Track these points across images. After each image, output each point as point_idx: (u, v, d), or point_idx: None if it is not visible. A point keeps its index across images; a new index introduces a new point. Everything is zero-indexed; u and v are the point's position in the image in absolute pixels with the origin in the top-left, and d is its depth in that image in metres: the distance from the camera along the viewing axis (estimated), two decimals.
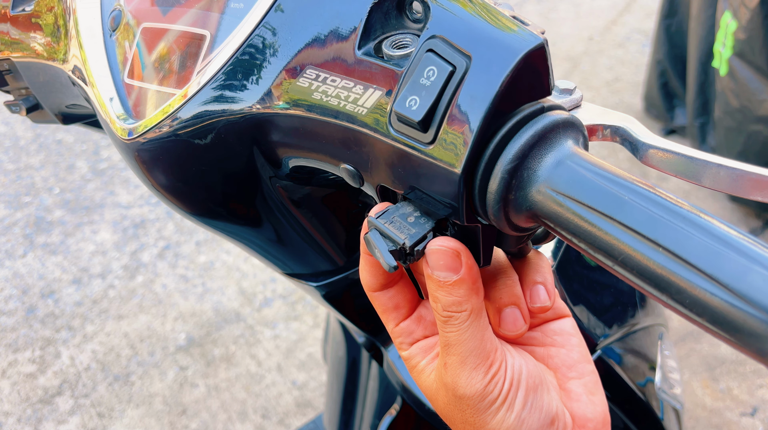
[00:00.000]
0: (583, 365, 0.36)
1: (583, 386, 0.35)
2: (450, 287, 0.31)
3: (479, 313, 0.32)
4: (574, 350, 0.36)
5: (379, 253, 0.30)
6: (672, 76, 2.19)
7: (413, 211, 0.31)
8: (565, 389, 0.35)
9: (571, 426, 0.34)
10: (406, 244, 0.30)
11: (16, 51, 0.55)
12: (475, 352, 0.32)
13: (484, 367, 0.32)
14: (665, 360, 0.72)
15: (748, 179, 0.30)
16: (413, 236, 0.30)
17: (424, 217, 0.31)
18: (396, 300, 0.36)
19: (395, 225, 0.31)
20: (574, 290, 0.60)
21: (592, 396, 0.35)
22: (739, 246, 0.23)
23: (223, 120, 0.37)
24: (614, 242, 0.25)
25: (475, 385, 0.32)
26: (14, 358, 1.72)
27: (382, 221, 0.31)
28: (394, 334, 0.37)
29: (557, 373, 0.36)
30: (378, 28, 0.32)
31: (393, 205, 0.32)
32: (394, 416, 0.61)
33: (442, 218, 0.31)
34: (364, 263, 0.35)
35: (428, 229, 0.31)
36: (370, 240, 0.31)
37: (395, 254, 0.30)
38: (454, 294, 0.31)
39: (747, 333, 0.21)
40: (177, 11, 0.40)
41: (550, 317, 0.38)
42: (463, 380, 0.32)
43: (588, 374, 0.36)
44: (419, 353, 0.36)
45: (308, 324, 1.75)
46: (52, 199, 2.21)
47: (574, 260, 0.61)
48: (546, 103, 0.29)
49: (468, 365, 0.32)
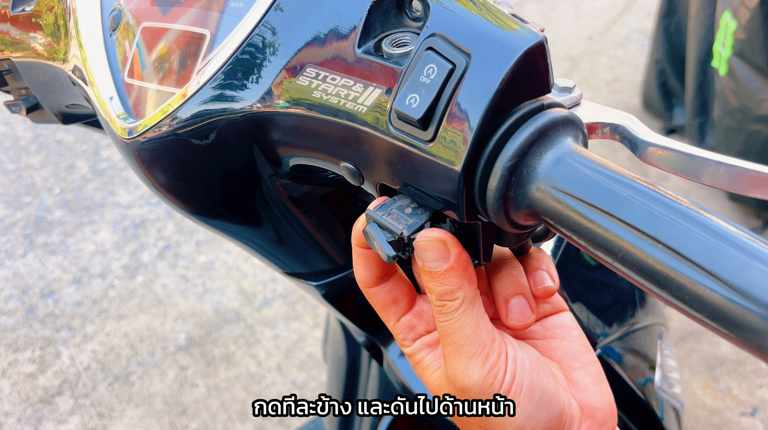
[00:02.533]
0: (586, 355, 0.36)
1: (589, 376, 0.35)
2: (441, 277, 0.31)
3: (472, 301, 0.32)
4: (576, 342, 0.36)
5: (378, 244, 0.31)
6: (671, 75, 2.19)
7: (410, 202, 0.32)
8: (571, 380, 0.35)
9: (579, 416, 0.34)
10: (404, 234, 0.31)
11: (16, 51, 0.55)
12: (470, 340, 0.32)
13: (481, 356, 0.32)
14: (665, 360, 0.72)
15: (748, 176, 0.30)
16: (411, 226, 0.31)
17: (421, 208, 0.32)
18: (394, 294, 0.36)
19: (393, 217, 0.31)
20: (573, 289, 0.60)
21: (599, 385, 0.35)
22: (739, 242, 0.23)
23: (223, 119, 0.37)
24: (614, 238, 0.25)
25: (473, 376, 0.32)
26: (14, 358, 1.71)
27: (380, 214, 0.32)
28: (396, 330, 0.37)
29: (561, 364, 0.36)
30: (378, 27, 0.32)
31: (390, 199, 0.32)
32: (394, 416, 0.61)
33: (438, 209, 0.31)
34: (357, 258, 0.35)
35: (425, 219, 0.31)
36: (369, 232, 0.32)
37: (394, 245, 0.31)
38: (446, 283, 0.31)
39: (746, 329, 0.22)
40: (177, 11, 0.40)
41: (549, 312, 0.38)
42: (460, 370, 0.32)
43: (592, 364, 0.36)
44: (422, 349, 0.36)
45: (308, 324, 1.75)
46: (52, 199, 2.21)
47: (573, 259, 0.61)
48: (546, 101, 0.29)
49: (464, 354, 0.32)
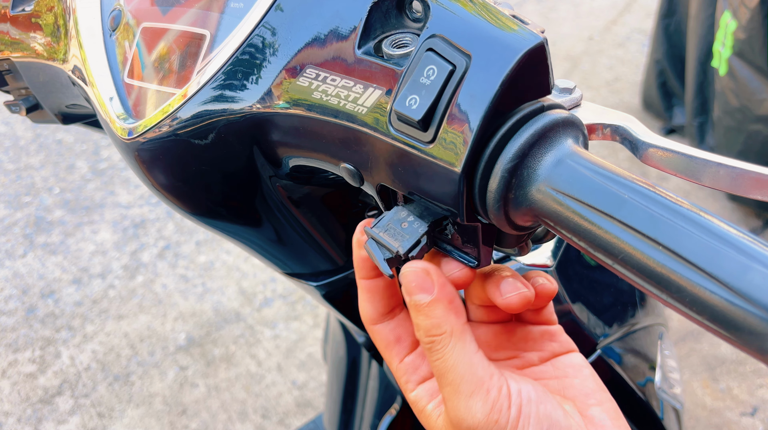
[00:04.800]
0: (600, 393, 0.34)
1: (605, 412, 0.33)
2: (427, 309, 0.30)
3: (461, 336, 0.31)
4: (589, 379, 0.35)
5: (377, 263, 0.31)
6: (670, 75, 2.19)
7: (407, 215, 0.32)
8: (587, 417, 0.33)
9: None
10: (400, 251, 0.31)
11: (16, 51, 0.55)
12: (467, 378, 0.30)
13: (481, 393, 0.30)
14: (665, 360, 0.72)
15: (748, 178, 0.30)
16: (406, 243, 0.31)
17: (417, 221, 0.31)
18: (397, 332, 0.35)
19: (390, 233, 0.31)
20: (574, 289, 0.60)
21: (617, 421, 0.33)
22: (739, 244, 0.23)
23: (223, 120, 0.37)
24: (614, 240, 0.25)
25: (476, 414, 0.30)
26: (14, 358, 1.71)
27: (377, 231, 0.32)
28: (399, 372, 0.35)
29: (576, 402, 0.34)
30: (378, 28, 0.32)
31: (388, 212, 0.32)
32: (394, 415, 0.61)
33: (436, 220, 0.31)
34: (361, 292, 0.34)
35: (421, 233, 0.31)
36: (368, 249, 0.32)
37: (391, 262, 0.31)
38: (432, 316, 0.30)
39: (747, 331, 0.22)
40: (177, 11, 0.40)
41: (558, 351, 0.36)
42: (462, 410, 0.30)
43: (607, 401, 0.34)
44: (425, 396, 0.35)
45: (308, 324, 1.75)
46: (52, 199, 2.21)
47: (574, 260, 0.61)
48: (546, 102, 0.29)
49: (463, 393, 0.30)
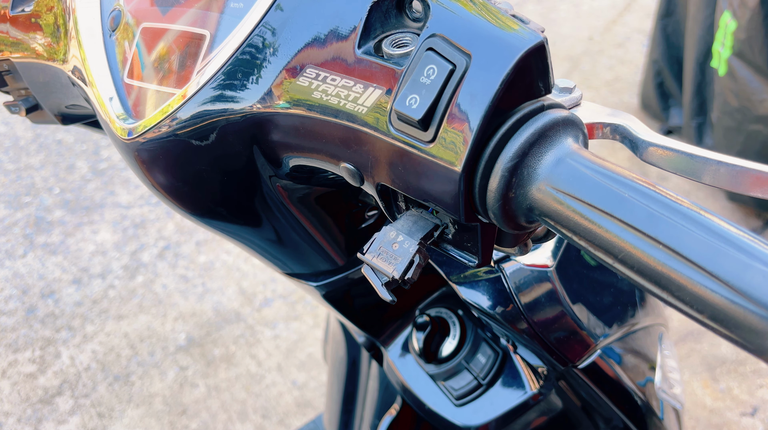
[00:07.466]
0: None
1: None
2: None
3: None
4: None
5: (376, 288, 0.31)
6: (668, 76, 2.19)
7: (396, 236, 0.32)
8: None
9: None
10: (395, 275, 0.31)
11: (15, 51, 0.55)
12: None
13: None
14: (665, 360, 0.72)
15: (749, 176, 0.30)
16: (400, 266, 0.31)
17: (407, 239, 0.31)
18: None
19: (382, 257, 0.32)
20: (574, 289, 0.60)
21: None
22: (739, 243, 0.23)
23: (223, 120, 0.37)
24: (614, 239, 0.25)
25: None
26: (14, 358, 1.71)
27: (370, 257, 0.32)
28: None
29: None
30: (378, 27, 0.32)
31: (378, 234, 0.32)
32: (394, 416, 0.61)
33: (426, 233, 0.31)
34: None
35: (412, 253, 0.31)
36: (367, 276, 0.32)
37: (389, 286, 0.31)
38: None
39: (747, 330, 0.22)
40: (176, 11, 0.40)
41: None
42: None
43: None
44: None
45: (308, 324, 1.75)
46: (52, 199, 2.21)
47: (574, 260, 0.61)
48: (546, 101, 0.29)
49: None
